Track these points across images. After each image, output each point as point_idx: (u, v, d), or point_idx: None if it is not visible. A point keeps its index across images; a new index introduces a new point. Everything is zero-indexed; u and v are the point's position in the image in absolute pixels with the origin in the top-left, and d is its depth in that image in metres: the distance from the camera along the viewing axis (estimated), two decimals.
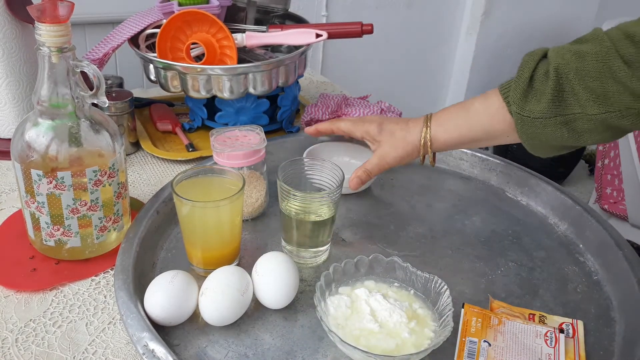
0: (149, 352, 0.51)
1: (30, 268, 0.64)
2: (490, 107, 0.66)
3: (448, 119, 0.70)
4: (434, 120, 0.71)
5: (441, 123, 0.70)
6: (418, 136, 0.71)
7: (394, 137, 0.73)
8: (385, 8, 1.86)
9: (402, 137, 0.72)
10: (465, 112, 0.69)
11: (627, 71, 0.55)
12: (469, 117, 0.68)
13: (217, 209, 0.60)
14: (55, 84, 0.58)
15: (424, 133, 0.70)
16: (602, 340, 0.58)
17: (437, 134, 0.70)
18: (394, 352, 0.52)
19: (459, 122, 0.69)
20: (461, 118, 0.69)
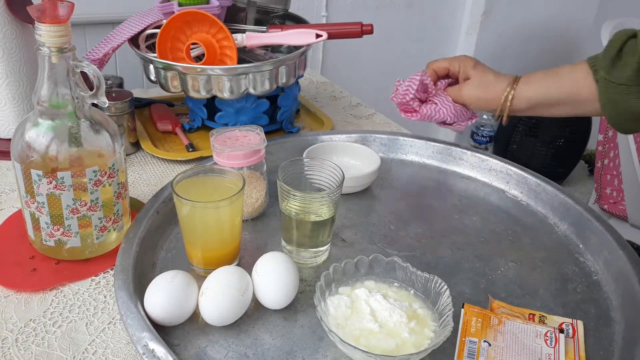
0: (149, 352, 0.51)
1: (30, 268, 0.64)
2: (577, 72, 0.71)
3: (535, 79, 0.75)
4: (522, 79, 0.76)
5: (528, 81, 0.76)
6: (503, 87, 0.76)
7: (483, 78, 0.78)
8: (385, 8, 1.86)
9: (490, 81, 0.77)
10: (553, 75, 0.74)
11: None
12: (556, 79, 0.73)
13: (217, 209, 0.60)
14: (55, 84, 0.58)
15: (510, 88, 0.75)
16: (602, 340, 0.58)
17: (523, 90, 0.75)
18: (394, 352, 0.52)
19: (545, 82, 0.74)
20: (548, 79, 0.74)
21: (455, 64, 0.81)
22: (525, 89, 0.75)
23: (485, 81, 0.78)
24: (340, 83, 1.31)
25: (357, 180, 0.80)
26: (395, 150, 0.92)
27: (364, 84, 1.90)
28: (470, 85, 0.79)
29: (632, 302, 0.61)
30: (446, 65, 0.82)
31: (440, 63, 0.82)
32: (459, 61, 0.81)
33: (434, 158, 0.91)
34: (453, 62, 0.81)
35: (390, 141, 0.92)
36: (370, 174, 0.81)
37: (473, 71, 0.79)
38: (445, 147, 0.90)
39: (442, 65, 0.82)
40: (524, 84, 0.75)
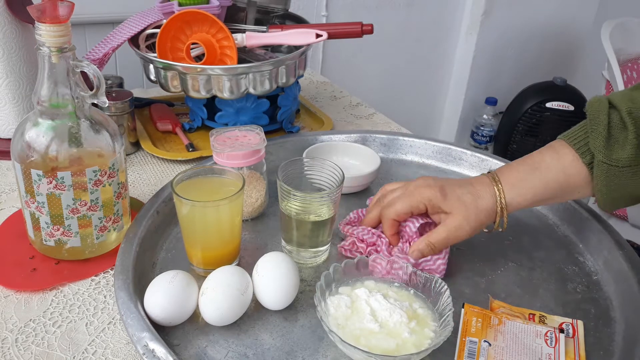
0: (149, 352, 0.51)
1: (30, 268, 0.64)
2: (563, 160, 0.62)
3: (520, 179, 0.63)
4: (504, 182, 0.63)
5: (513, 184, 0.63)
6: (492, 202, 0.63)
7: (464, 205, 0.63)
8: (385, 8, 1.86)
9: (473, 204, 0.63)
10: (537, 170, 0.63)
11: None
12: (542, 174, 0.63)
13: (217, 209, 0.60)
14: (55, 84, 0.58)
15: (499, 198, 0.63)
16: (602, 340, 0.58)
17: (512, 198, 0.63)
18: (395, 352, 0.52)
19: (533, 182, 0.63)
20: (535, 177, 0.63)
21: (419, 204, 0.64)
22: (514, 197, 0.63)
23: (467, 208, 0.63)
24: (340, 83, 1.31)
25: (356, 180, 0.80)
26: (395, 150, 0.92)
27: (364, 84, 1.90)
28: (460, 223, 0.63)
29: (632, 301, 0.61)
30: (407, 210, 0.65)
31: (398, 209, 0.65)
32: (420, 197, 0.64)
33: (434, 158, 0.91)
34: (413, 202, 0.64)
35: (390, 141, 0.92)
36: (370, 174, 0.81)
37: (446, 204, 0.63)
38: (445, 147, 0.90)
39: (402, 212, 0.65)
40: (511, 190, 0.63)
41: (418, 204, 0.64)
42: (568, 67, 2.37)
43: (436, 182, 0.65)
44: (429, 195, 0.63)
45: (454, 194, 0.63)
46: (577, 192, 0.63)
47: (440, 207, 0.63)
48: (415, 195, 0.64)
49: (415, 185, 0.66)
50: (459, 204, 0.63)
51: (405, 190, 0.66)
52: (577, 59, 2.38)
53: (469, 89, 2.16)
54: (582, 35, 2.30)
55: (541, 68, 2.29)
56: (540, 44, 2.23)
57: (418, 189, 0.65)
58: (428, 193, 0.64)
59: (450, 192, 0.63)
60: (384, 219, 0.66)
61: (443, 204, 0.63)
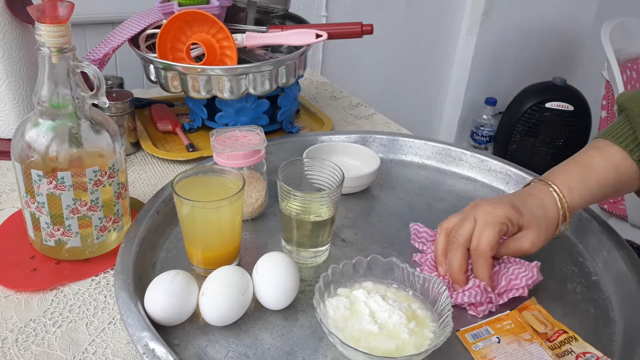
0: (149, 351, 0.51)
1: (31, 268, 0.64)
2: (613, 158, 0.64)
3: (576, 181, 0.64)
4: (561, 186, 0.64)
5: (571, 188, 0.64)
6: (557, 209, 0.63)
7: (536, 218, 0.62)
8: (385, 8, 1.86)
9: (543, 215, 0.63)
10: (589, 170, 0.64)
11: None
12: (595, 174, 0.64)
13: (218, 209, 0.60)
14: (56, 85, 0.58)
15: (561, 203, 0.63)
16: (602, 340, 0.58)
17: (572, 200, 0.63)
18: (395, 354, 0.52)
19: (589, 183, 0.64)
20: (590, 178, 0.64)
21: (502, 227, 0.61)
22: (575, 198, 0.63)
23: (539, 221, 0.62)
24: (340, 83, 1.31)
25: (356, 181, 0.80)
26: (395, 150, 0.92)
27: (364, 84, 1.90)
28: (532, 237, 0.62)
29: (632, 302, 0.61)
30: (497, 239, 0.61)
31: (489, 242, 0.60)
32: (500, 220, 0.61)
33: (434, 158, 0.91)
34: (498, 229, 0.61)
35: (389, 141, 0.92)
36: (370, 174, 0.81)
37: (523, 219, 0.62)
38: (445, 147, 0.90)
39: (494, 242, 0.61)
40: (570, 192, 0.63)
41: (501, 227, 0.61)
42: (568, 67, 2.37)
43: (501, 199, 0.63)
44: (507, 213, 0.61)
45: (527, 208, 0.62)
46: (628, 187, 0.65)
47: (519, 222, 0.61)
48: (493, 219, 0.61)
49: (482, 210, 0.62)
50: (534, 219, 0.62)
51: (475, 220, 0.62)
52: (577, 59, 2.38)
53: (468, 89, 2.16)
54: (582, 35, 2.30)
55: (541, 68, 2.29)
56: (540, 44, 2.24)
57: (490, 214, 0.61)
58: (504, 212, 0.61)
59: (522, 207, 0.62)
60: (481, 259, 0.61)
61: (521, 219, 0.61)
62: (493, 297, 0.60)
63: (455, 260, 0.62)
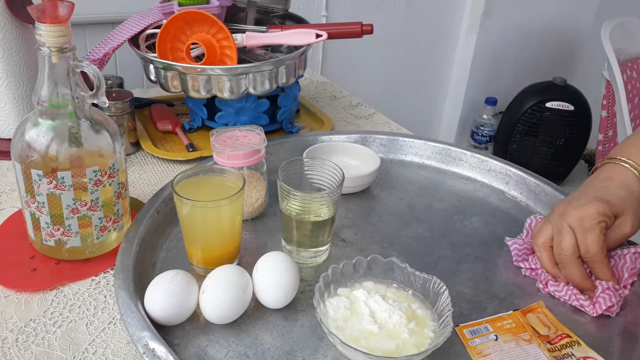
0: (149, 351, 0.51)
1: (31, 268, 0.65)
2: None
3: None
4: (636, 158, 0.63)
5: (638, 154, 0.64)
6: (637, 179, 0.62)
7: (627, 201, 0.61)
8: (385, 8, 1.86)
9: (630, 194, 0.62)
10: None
11: None
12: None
13: (218, 208, 0.60)
14: (56, 84, 0.58)
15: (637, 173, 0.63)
16: (601, 341, 0.58)
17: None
18: (395, 353, 0.52)
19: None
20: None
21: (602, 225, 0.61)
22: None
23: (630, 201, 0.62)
24: (340, 83, 1.31)
25: (356, 181, 0.80)
26: (395, 150, 0.92)
27: (364, 84, 1.90)
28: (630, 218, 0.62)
29: (631, 302, 0.61)
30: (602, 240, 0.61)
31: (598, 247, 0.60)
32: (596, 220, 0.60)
33: (434, 158, 0.91)
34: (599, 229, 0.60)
35: (389, 141, 0.92)
36: (370, 174, 0.81)
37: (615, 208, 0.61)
38: (445, 147, 0.90)
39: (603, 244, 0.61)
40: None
41: (601, 226, 0.60)
42: (568, 67, 2.38)
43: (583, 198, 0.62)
44: (599, 210, 0.60)
45: (613, 196, 0.61)
46: None
47: (613, 212, 0.61)
48: (590, 223, 0.60)
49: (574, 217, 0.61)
50: (624, 203, 0.61)
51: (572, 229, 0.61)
52: (577, 58, 2.38)
53: (468, 89, 2.16)
54: (582, 35, 2.30)
55: (541, 68, 2.29)
56: (540, 43, 2.24)
57: (584, 219, 0.60)
58: (596, 211, 0.60)
59: (608, 197, 0.61)
60: (597, 264, 0.61)
61: (614, 209, 0.61)
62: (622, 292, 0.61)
63: (575, 274, 0.61)
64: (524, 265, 0.68)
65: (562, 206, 0.63)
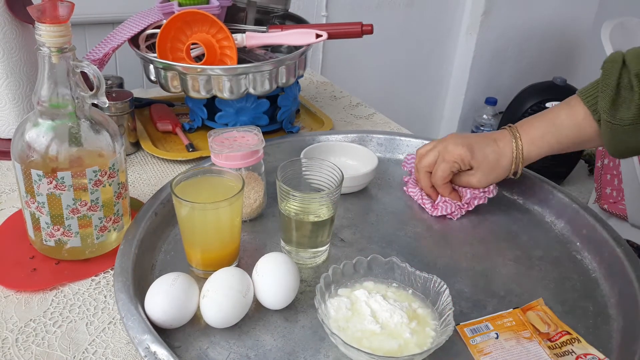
0: (150, 354, 0.51)
1: (31, 268, 0.65)
2: (576, 116, 0.70)
3: (538, 136, 0.72)
4: (524, 138, 0.72)
5: (532, 141, 0.72)
6: (510, 157, 0.72)
7: (487, 162, 0.73)
8: (385, 8, 1.86)
9: (495, 161, 0.73)
10: (552, 126, 0.71)
11: None
12: (557, 130, 0.71)
13: (217, 210, 0.60)
14: (56, 84, 0.58)
15: (516, 153, 0.72)
16: (601, 337, 0.58)
17: (529, 151, 0.72)
18: (397, 353, 0.52)
19: (548, 138, 0.71)
20: (550, 133, 0.71)
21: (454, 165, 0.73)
22: (531, 151, 0.72)
23: (490, 165, 0.73)
24: (340, 83, 1.31)
25: (354, 180, 0.80)
26: (392, 150, 0.92)
27: (364, 84, 1.90)
28: (479, 176, 0.74)
29: (630, 299, 0.61)
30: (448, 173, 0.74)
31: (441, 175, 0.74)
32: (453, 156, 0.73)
33: None
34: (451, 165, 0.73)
35: (387, 141, 0.92)
36: (368, 173, 0.81)
37: (474, 161, 0.73)
38: None
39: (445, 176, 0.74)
40: (529, 145, 0.72)
41: (453, 164, 0.73)
42: (568, 67, 2.38)
43: (464, 139, 0.74)
44: (460, 154, 0.73)
45: (482, 152, 0.73)
46: (589, 143, 0.71)
47: (470, 163, 0.73)
48: (449, 158, 0.73)
49: (445, 146, 0.74)
50: (484, 162, 0.73)
51: (438, 153, 0.75)
52: (577, 58, 2.38)
53: (468, 89, 2.16)
54: (582, 35, 2.30)
55: (541, 68, 2.29)
56: (540, 43, 2.24)
57: (450, 152, 0.73)
58: (459, 153, 0.73)
59: (477, 150, 0.73)
60: (437, 187, 0.76)
61: (471, 161, 0.73)
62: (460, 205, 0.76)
63: (422, 182, 0.78)
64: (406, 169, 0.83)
65: (451, 135, 0.76)
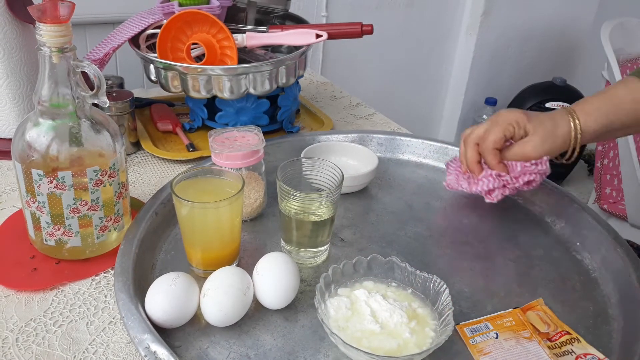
0: (150, 353, 0.51)
1: (31, 268, 0.65)
2: (635, 92, 0.69)
3: (594, 108, 0.70)
4: (579, 111, 0.70)
5: (588, 113, 0.70)
6: (568, 128, 0.70)
7: (543, 127, 0.70)
8: (385, 8, 1.86)
9: (551, 128, 0.70)
10: (609, 100, 0.70)
11: None
12: (614, 104, 0.70)
13: (217, 209, 0.60)
14: (56, 84, 0.58)
15: (575, 125, 0.70)
16: (601, 337, 0.58)
17: (587, 124, 0.70)
18: (397, 353, 0.52)
19: (606, 109, 0.70)
20: (607, 105, 0.70)
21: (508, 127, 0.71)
22: (589, 123, 0.70)
23: (546, 131, 0.70)
24: (340, 83, 1.31)
25: (355, 180, 0.80)
26: (393, 149, 0.93)
27: (364, 84, 1.90)
28: (535, 142, 0.70)
29: (630, 299, 0.61)
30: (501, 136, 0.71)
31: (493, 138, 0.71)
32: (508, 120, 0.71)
33: (431, 157, 0.91)
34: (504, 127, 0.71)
35: (387, 141, 0.93)
36: (368, 173, 0.81)
37: (530, 124, 0.70)
38: (442, 146, 0.90)
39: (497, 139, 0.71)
40: (586, 117, 0.70)
41: (507, 127, 0.71)
42: (568, 67, 2.38)
43: (519, 110, 0.72)
44: (516, 117, 0.71)
45: (537, 118, 0.71)
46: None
47: (525, 127, 0.70)
48: (502, 122, 0.71)
49: (499, 115, 0.72)
50: (540, 127, 0.70)
51: (491, 122, 0.72)
52: (577, 59, 2.38)
53: (468, 89, 2.16)
54: (582, 35, 2.30)
55: (541, 68, 2.29)
56: (540, 44, 2.24)
57: (503, 117, 0.71)
58: (514, 116, 0.71)
59: (533, 116, 0.71)
60: (487, 153, 0.72)
61: (527, 125, 0.70)
62: (508, 179, 0.71)
63: (469, 154, 0.74)
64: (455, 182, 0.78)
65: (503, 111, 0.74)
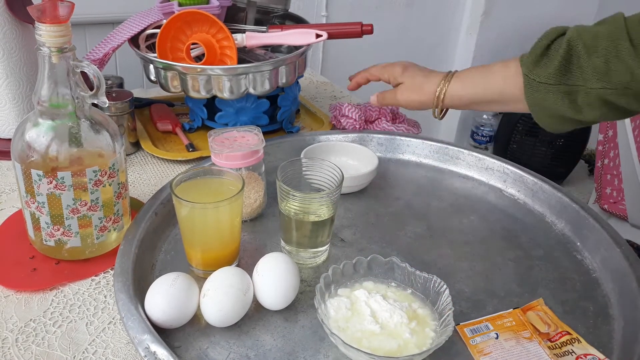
0: (150, 354, 0.51)
1: (31, 268, 0.65)
2: (508, 70, 0.71)
3: (467, 76, 0.76)
4: (456, 77, 0.77)
5: (461, 79, 0.76)
6: (434, 88, 0.78)
7: (413, 81, 0.81)
8: (385, 8, 1.86)
9: (420, 83, 0.80)
10: (485, 72, 0.74)
11: (632, 53, 0.58)
12: (487, 76, 0.74)
13: (217, 210, 0.60)
14: (56, 84, 0.58)
15: (441, 86, 0.77)
16: (601, 337, 0.58)
17: (454, 89, 0.76)
18: (397, 353, 0.52)
19: (476, 80, 0.75)
20: (480, 76, 0.74)
21: (385, 73, 0.85)
22: (456, 88, 0.76)
23: (416, 83, 0.80)
24: (340, 83, 1.31)
25: (355, 180, 0.80)
26: (393, 149, 0.93)
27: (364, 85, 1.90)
28: (403, 90, 0.82)
29: (630, 299, 0.61)
30: (378, 73, 0.87)
31: (373, 71, 0.88)
32: (387, 70, 0.84)
33: (431, 157, 0.91)
34: (383, 72, 0.85)
35: (387, 141, 0.93)
36: (368, 173, 0.81)
37: (402, 77, 0.82)
38: (442, 146, 0.90)
39: (373, 73, 0.87)
40: (456, 82, 0.76)
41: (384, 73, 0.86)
42: None
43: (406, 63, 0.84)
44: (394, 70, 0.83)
45: (411, 72, 0.82)
46: (517, 103, 0.71)
47: (397, 79, 0.83)
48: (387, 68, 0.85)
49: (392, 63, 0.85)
50: (410, 79, 0.82)
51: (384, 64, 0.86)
52: None
53: None
54: None
55: None
56: None
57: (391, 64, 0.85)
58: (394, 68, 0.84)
59: (409, 70, 0.82)
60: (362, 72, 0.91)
61: (400, 77, 0.83)
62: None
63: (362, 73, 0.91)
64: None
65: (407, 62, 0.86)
